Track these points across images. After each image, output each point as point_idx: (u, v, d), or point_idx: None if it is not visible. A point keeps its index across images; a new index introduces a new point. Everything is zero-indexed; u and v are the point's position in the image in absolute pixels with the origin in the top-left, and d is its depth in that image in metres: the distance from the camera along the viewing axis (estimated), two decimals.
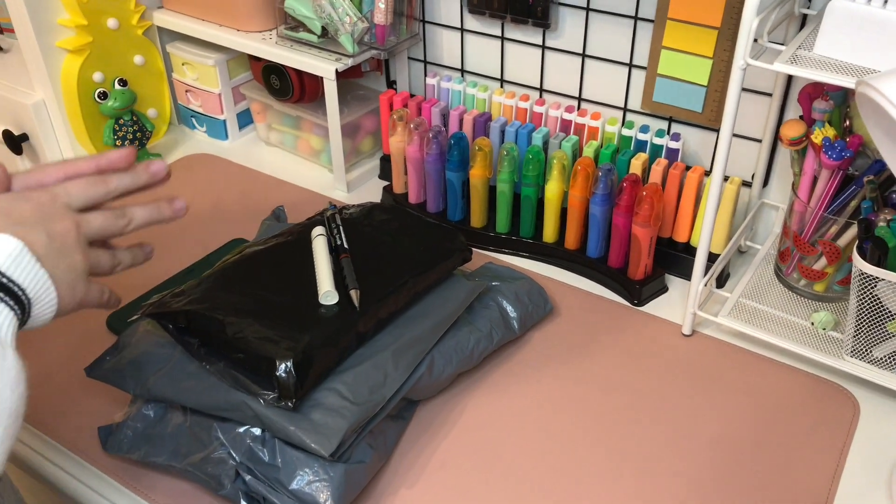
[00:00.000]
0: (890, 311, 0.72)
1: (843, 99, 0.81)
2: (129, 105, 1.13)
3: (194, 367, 0.69)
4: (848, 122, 0.81)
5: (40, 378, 0.81)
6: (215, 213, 1.08)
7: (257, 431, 0.67)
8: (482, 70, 1.11)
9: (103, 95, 1.12)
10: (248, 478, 0.65)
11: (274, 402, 0.65)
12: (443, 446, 0.74)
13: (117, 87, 1.12)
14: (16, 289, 0.51)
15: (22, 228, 0.53)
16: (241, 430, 0.67)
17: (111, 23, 1.12)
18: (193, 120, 1.27)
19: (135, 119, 1.14)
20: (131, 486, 0.70)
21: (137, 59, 1.17)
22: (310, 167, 1.19)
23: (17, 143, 1.19)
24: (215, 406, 0.67)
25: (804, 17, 0.83)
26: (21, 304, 0.52)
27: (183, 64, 1.21)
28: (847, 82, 0.65)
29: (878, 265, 0.71)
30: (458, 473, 0.72)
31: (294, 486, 0.64)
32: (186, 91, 1.24)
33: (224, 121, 1.24)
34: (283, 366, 0.64)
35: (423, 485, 0.71)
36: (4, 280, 0.51)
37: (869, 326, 0.74)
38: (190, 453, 0.68)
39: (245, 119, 1.27)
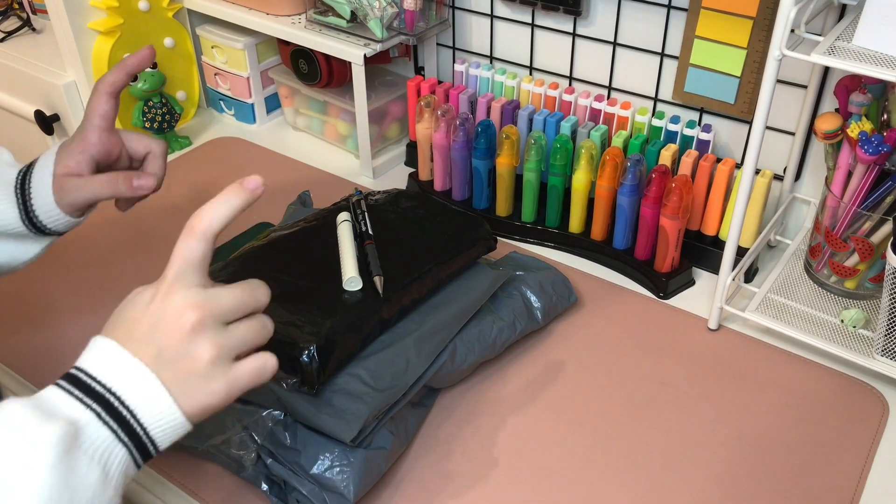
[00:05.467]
0: None
1: (881, 92, 0.79)
2: (159, 87, 1.13)
3: None
4: (886, 116, 0.80)
5: (66, 356, 0.82)
6: None
7: (279, 415, 0.67)
8: (511, 57, 1.10)
9: (133, 77, 1.12)
10: (269, 461, 0.66)
11: (296, 386, 0.65)
12: (463, 434, 0.74)
13: (147, 69, 1.13)
14: (133, 423, 0.47)
15: (134, 343, 0.48)
16: (264, 413, 0.67)
17: (142, 5, 1.12)
18: (222, 103, 1.28)
19: (164, 101, 1.15)
20: (153, 464, 0.71)
21: (167, 41, 1.18)
22: (336, 152, 1.19)
23: (48, 123, 1.21)
24: None
25: (843, 8, 0.81)
26: (135, 435, 0.47)
27: (212, 47, 1.22)
28: (888, 75, 0.64)
29: None
30: (478, 462, 0.72)
31: (315, 470, 0.64)
32: (215, 74, 1.25)
33: (252, 104, 1.24)
34: (306, 351, 0.65)
35: (442, 472, 0.71)
36: (125, 413, 0.47)
37: None
38: (212, 435, 0.68)
39: (273, 103, 1.27)
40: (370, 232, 0.79)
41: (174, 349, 0.48)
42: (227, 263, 0.75)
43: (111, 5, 1.09)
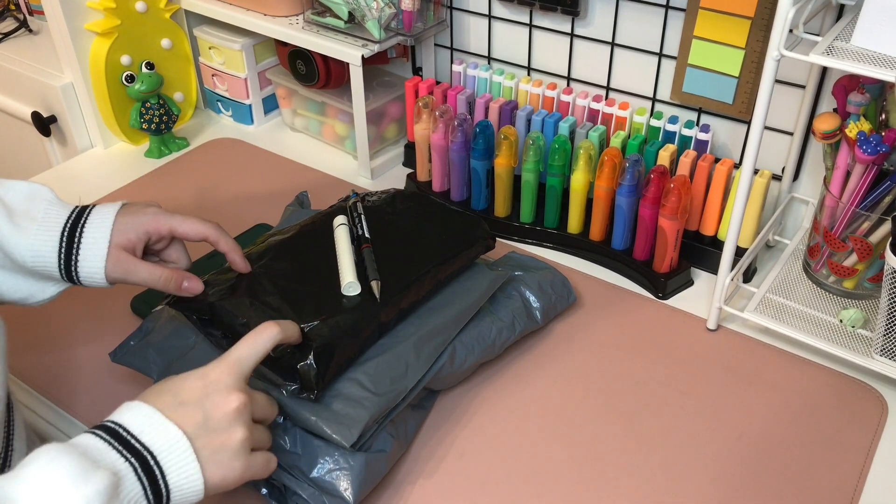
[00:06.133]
0: None
1: (879, 92, 0.79)
2: (156, 88, 1.13)
3: (217, 354, 0.69)
4: (884, 116, 0.80)
5: (65, 359, 0.82)
6: (239, 198, 1.08)
7: (279, 419, 0.67)
8: (509, 58, 1.10)
9: (130, 78, 1.12)
10: None
11: (296, 392, 0.65)
12: (463, 436, 0.74)
13: (144, 70, 1.12)
14: (161, 482, 0.51)
15: (181, 409, 0.53)
16: None
17: (139, 6, 1.12)
18: (219, 104, 1.27)
19: (161, 102, 1.15)
20: None
21: (165, 42, 1.18)
22: (334, 153, 1.19)
23: (45, 124, 1.20)
24: None
25: (841, 8, 0.81)
26: (159, 494, 0.51)
27: (210, 48, 1.21)
28: (886, 75, 0.64)
29: None
30: (478, 463, 0.72)
31: (315, 474, 0.64)
32: (213, 75, 1.24)
33: (250, 105, 1.24)
34: (304, 356, 0.64)
35: (442, 474, 0.71)
36: (157, 471, 0.50)
37: None
38: None
39: (270, 104, 1.27)
40: (367, 235, 0.78)
41: (218, 421, 0.54)
42: (224, 271, 0.74)
43: (108, 6, 1.08)
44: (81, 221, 0.67)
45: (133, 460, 0.49)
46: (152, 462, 0.50)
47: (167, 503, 0.51)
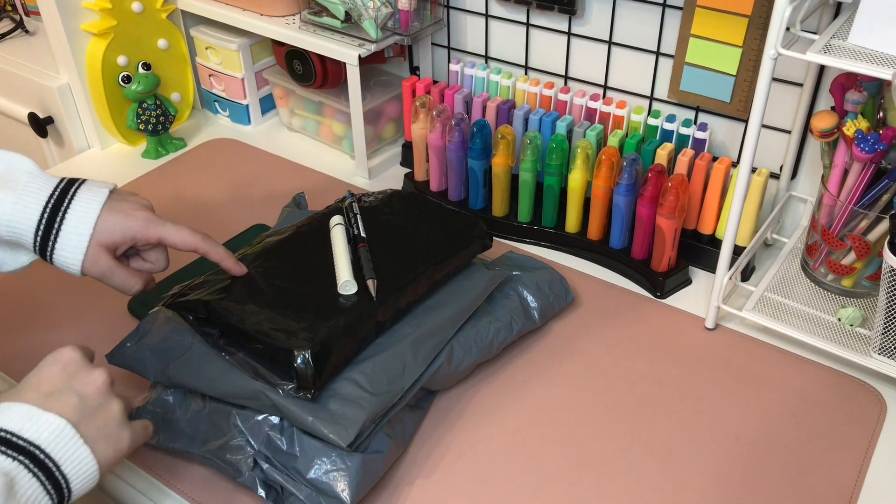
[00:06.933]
0: None
1: (877, 90, 0.79)
2: (153, 89, 1.13)
3: (214, 355, 0.69)
4: (882, 114, 0.79)
5: None
6: (237, 199, 1.08)
7: (275, 420, 0.67)
8: (506, 57, 1.09)
9: (127, 79, 1.12)
10: (265, 466, 0.66)
11: (292, 392, 0.65)
12: (460, 436, 0.74)
13: (141, 70, 1.12)
14: (56, 473, 0.51)
15: (53, 399, 0.53)
16: (260, 418, 0.67)
17: (135, 6, 1.12)
18: (216, 104, 1.27)
19: (158, 103, 1.15)
20: (150, 469, 0.71)
21: (161, 42, 1.17)
22: (332, 153, 1.19)
23: (42, 125, 1.20)
24: (234, 394, 0.67)
25: (838, 6, 0.81)
26: (59, 486, 0.51)
27: (206, 48, 1.21)
28: (883, 73, 0.63)
29: None
30: (476, 463, 0.71)
31: (311, 475, 0.64)
32: (210, 75, 1.24)
33: (247, 105, 1.24)
34: (301, 356, 0.64)
35: (440, 474, 0.71)
36: (49, 464, 0.50)
37: None
38: (208, 440, 0.68)
39: (268, 104, 1.27)
40: (363, 235, 0.78)
41: (94, 399, 0.55)
42: (220, 270, 0.74)
43: (104, 7, 1.08)
44: (65, 204, 0.65)
45: (22, 458, 0.49)
46: (42, 456, 0.50)
47: (69, 493, 0.51)
